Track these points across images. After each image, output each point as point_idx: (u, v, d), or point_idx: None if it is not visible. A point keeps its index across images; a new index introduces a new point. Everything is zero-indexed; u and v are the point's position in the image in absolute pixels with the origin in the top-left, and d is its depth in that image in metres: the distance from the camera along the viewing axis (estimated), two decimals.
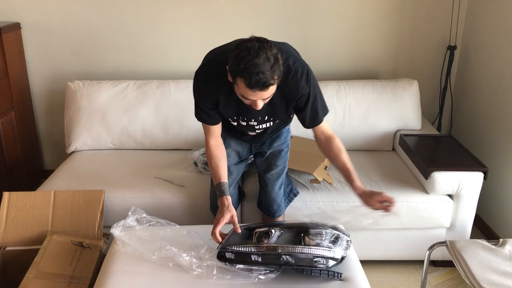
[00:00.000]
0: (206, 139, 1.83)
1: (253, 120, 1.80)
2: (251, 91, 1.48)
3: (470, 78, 3.04)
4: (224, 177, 1.76)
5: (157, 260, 1.66)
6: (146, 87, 2.82)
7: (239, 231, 1.67)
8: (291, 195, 2.30)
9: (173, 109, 2.79)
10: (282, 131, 2.04)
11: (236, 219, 1.68)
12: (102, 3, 3.00)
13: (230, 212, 1.66)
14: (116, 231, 1.79)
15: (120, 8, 3.01)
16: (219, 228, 1.63)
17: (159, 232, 1.80)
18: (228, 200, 1.71)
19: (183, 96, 2.80)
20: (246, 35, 1.78)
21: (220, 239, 1.63)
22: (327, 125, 1.84)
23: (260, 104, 1.56)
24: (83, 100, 2.79)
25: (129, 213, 1.87)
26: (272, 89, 1.51)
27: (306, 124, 1.83)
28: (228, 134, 1.99)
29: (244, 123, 1.82)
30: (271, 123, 1.84)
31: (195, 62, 3.31)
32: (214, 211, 2.21)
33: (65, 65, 3.14)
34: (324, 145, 1.84)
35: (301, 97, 1.72)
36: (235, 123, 1.84)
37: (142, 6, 3.01)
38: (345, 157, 1.81)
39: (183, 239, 1.75)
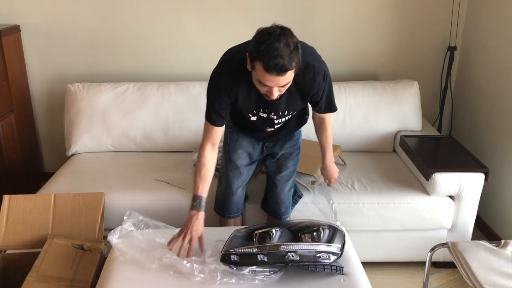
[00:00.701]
0: (204, 145, 1.82)
1: (273, 114, 1.82)
2: (268, 75, 1.49)
3: (470, 79, 3.04)
4: (206, 192, 1.79)
5: (157, 269, 1.64)
6: (146, 89, 2.82)
7: (203, 250, 1.71)
8: (295, 197, 2.31)
9: (173, 111, 2.79)
10: (294, 133, 2.06)
11: (203, 240, 1.73)
12: (101, 5, 2.99)
13: (198, 233, 1.72)
14: (113, 238, 1.77)
15: (120, 11, 3.01)
16: (178, 243, 1.68)
17: (159, 239, 1.77)
18: (200, 217, 1.74)
19: (183, 98, 2.79)
20: (245, 37, 1.78)
21: (175, 249, 1.68)
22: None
23: (275, 93, 1.57)
24: (83, 103, 2.79)
25: (125, 217, 1.84)
26: (289, 76, 1.53)
27: (320, 111, 1.94)
28: (242, 132, 2.02)
29: (265, 115, 1.83)
30: (289, 116, 1.88)
31: (195, 64, 3.32)
32: (219, 211, 2.22)
33: (65, 68, 3.13)
34: (317, 122, 2.02)
35: (317, 92, 1.79)
36: (255, 118, 1.85)
37: (142, 9, 3.01)
38: (326, 135, 2.02)
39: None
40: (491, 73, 2.79)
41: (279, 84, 1.54)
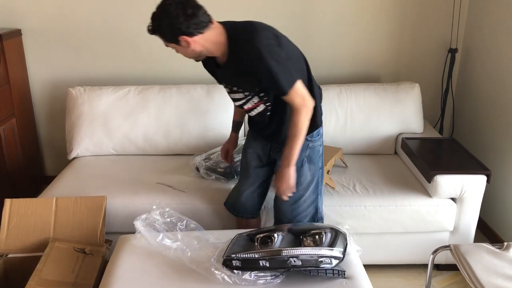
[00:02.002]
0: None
1: (225, 85, 1.91)
2: None
3: (471, 81, 3.03)
4: (237, 116, 2.22)
5: (172, 255, 1.73)
6: (147, 93, 2.82)
7: (227, 161, 2.28)
8: (316, 217, 2.04)
9: (174, 114, 2.79)
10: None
11: (231, 153, 2.26)
12: (103, 9, 3.00)
13: (225, 147, 2.25)
14: (138, 223, 1.83)
15: (121, 14, 3.01)
16: (224, 154, 2.27)
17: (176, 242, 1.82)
18: (231, 136, 2.25)
19: (185, 101, 2.79)
20: None
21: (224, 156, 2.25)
22: (294, 96, 1.73)
23: (176, 52, 1.77)
24: (84, 106, 2.79)
25: (154, 207, 1.94)
26: (165, 39, 1.71)
27: (270, 97, 1.84)
28: (250, 127, 2.10)
29: (227, 89, 1.92)
30: (242, 94, 1.84)
31: (197, 67, 3.31)
32: (227, 205, 2.26)
33: (66, 71, 3.14)
34: (290, 115, 1.80)
35: (256, 72, 1.68)
36: (227, 90, 1.94)
37: (143, 12, 3.01)
38: (289, 129, 1.79)
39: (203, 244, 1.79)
40: (492, 75, 2.78)
41: (165, 43, 1.74)
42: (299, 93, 1.73)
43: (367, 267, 1.86)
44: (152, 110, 2.79)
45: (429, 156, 2.53)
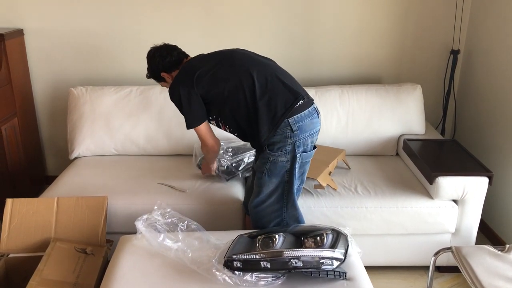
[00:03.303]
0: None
1: None
2: None
3: (473, 82, 3.03)
4: None
5: (173, 256, 1.74)
6: (149, 93, 2.82)
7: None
8: (280, 225, 2.14)
9: (176, 114, 2.77)
10: (267, 150, 1.99)
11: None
12: (104, 9, 3.00)
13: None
14: (139, 223, 1.84)
15: (123, 14, 3.02)
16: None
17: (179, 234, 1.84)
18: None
19: None
20: (248, 41, 1.81)
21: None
22: (200, 133, 2.14)
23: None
24: (86, 106, 2.79)
25: (155, 207, 1.97)
26: (154, 80, 2.28)
27: None
28: None
29: None
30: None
31: None
32: (244, 207, 2.32)
33: (68, 71, 3.14)
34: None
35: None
36: None
37: (144, 12, 3.02)
38: None
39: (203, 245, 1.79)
40: (494, 77, 2.78)
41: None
42: (199, 134, 2.14)
43: (368, 268, 1.86)
44: (154, 110, 2.79)
45: (430, 158, 2.53)
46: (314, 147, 2.06)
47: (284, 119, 1.93)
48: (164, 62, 2.14)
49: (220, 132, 2.65)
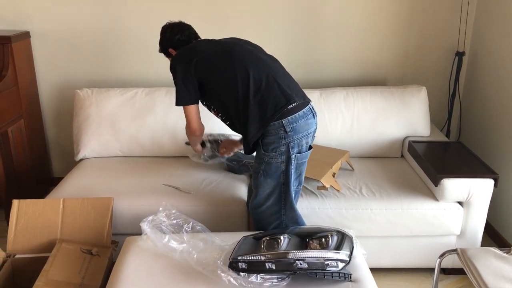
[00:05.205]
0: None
1: None
2: None
3: (478, 84, 3.02)
4: None
5: (178, 257, 1.75)
6: (154, 95, 2.83)
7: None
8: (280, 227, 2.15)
9: (181, 116, 2.76)
10: (261, 144, 1.99)
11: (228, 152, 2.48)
12: (110, 11, 3.02)
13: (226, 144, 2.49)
14: (145, 225, 1.85)
15: (128, 17, 3.03)
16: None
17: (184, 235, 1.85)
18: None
19: None
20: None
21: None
22: (187, 113, 2.13)
23: None
24: (91, 108, 2.80)
25: (160, 208, 1.97)
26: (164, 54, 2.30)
27: None
28: None
29: None
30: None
31: None
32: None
33: (74, 73, 3.16)
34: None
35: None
36: None
37: (150, 15, 3.03)
38: None
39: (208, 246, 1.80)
40: (499, 78, 2.77)
41: None
42: (186, 113, 2.13)
43: (373, 270, 1.85)
44: (159, 112, 2.80)
45: (436, 160, 2.52)
46: (310, 147, 2.05)
47: (272, 121, 1.92)
48: (174, 39, 2.18)
49: (226, 131, 2.66)
